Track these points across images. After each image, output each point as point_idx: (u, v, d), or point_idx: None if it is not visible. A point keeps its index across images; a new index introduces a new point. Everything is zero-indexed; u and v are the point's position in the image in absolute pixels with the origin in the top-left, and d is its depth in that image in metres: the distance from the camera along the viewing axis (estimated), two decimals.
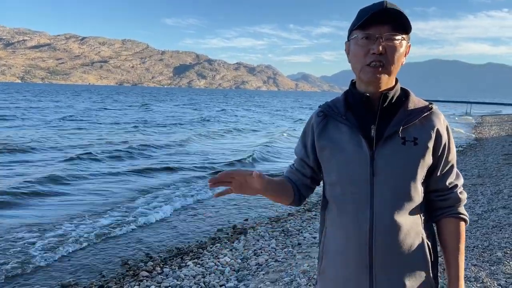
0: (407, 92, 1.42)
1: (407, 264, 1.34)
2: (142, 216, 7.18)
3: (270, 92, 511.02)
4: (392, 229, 1.31)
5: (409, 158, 1.33)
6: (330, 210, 1.44)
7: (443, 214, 1.42)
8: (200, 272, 4.79)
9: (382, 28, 1.30)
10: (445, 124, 1.40)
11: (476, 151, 14.48)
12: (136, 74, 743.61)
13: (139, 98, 67.96)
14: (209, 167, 12.29)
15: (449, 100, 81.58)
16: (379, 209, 1.32)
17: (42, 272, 5.02)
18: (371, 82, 1.34)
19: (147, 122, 27.97)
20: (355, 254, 1.34)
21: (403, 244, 1.32)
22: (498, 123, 30.89)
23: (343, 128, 1.39)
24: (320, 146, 1.44)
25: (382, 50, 1.29)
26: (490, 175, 9.52)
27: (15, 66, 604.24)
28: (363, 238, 1.32)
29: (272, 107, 62.98)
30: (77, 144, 15.94)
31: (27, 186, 8.95)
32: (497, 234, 5.26)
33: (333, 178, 1.41)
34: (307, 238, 5.86)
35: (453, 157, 1.42)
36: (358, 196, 1.34)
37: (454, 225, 1.41)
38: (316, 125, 1.46)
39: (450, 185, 1.41)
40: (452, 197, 1.41)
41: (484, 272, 4.05)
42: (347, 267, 1.37)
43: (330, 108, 1.45)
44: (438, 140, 1.36)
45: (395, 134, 1.33)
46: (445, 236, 1.42)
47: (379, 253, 1.32)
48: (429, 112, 1.37)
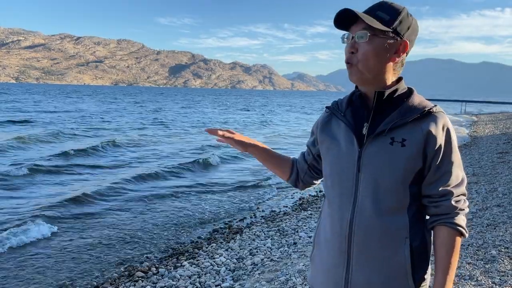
0: (411, 91, 1.41)
1: (383, 262, 1.33)
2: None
3: (275, 91, 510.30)
4: (370, 225, 1.33)
5: (394, 158, 1.31)
6: (325, 202, 1.52)
7: (436, 222, 1.37)
8: (196, 272, 4.78)
9: (349, 29, 1.37)
10: (444, 128, 1.33)
11: (471, 149, 14.54)
12: (132, 74, 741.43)
13: (169, 101, 65.45)
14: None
15: (444, 99, 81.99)
16: (361, 204, 1.35)
17: (36, 272, 5.00)
18: (352, 81, 1.41)
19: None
20: (337, 244, 1.39)
21: (381, 242, 1.33)
22: (493, 122, 31.04)
23: (342, 125, 1.44)
24: (320, 139, 1.52)
25: (350, 49, 1.36)
26: (484, 174, 9.56)
27: (9, 67, 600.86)
28: (344, 230, 1.37)
29: (301, 107, 63.74)
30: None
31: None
32: (491, 232, 5.28)
33: (327, 172, 1.48)
34: (302, 237, 5.86)
35: (451, 163, 1.35)
36: (344, 190, 1.39)
37: (445, 234, 1.34)
38: (322, 119, 1.55)
39: (443, 192, 1.35)
40: (444, 205, 1.35)
41: (479, 270, 4.07)
42: (330, 256, 1.42)
43: (336, 106, 1.52)
44: (429, 144, 1.31)
45: (383, 133, 1.33)
46: (435, 245, 1.37)
47: (356, 245, 1.35)
48: (425, 114, 1.33)
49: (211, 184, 10.06)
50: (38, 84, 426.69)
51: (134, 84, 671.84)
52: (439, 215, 1.36)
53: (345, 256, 1.37)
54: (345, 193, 1.39)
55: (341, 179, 1.40)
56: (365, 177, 1.35)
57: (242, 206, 8.22)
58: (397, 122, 1.33)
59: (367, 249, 1.34)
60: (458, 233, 1.35)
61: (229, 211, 7.87)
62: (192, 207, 8.05)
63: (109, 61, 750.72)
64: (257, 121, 32.30)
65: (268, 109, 54.11)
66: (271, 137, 20.74)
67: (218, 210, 7.90)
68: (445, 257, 1.33)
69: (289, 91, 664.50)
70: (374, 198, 1.33)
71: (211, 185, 9.94)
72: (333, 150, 1.45)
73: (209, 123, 29.25)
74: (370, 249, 1.34)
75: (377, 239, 1.33)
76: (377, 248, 1.34)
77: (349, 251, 1.36)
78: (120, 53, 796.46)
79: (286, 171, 1.71)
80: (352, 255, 1.36)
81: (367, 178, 1.35)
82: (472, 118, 37.05)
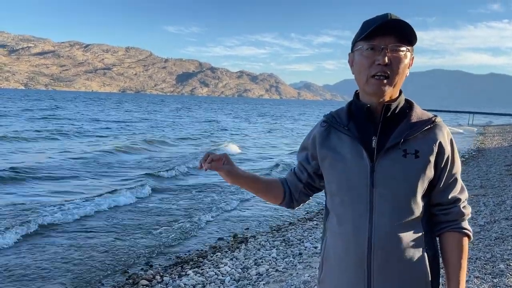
0: (411, 103, 1.42)
1: (405, 276, 1.34)
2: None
3: (284, 100, 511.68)
4: (391, 240, 1.32)
5: (409, 170, 1.33)
6: (331, 220, 1.45)
7: (446, 228, 1.41)
8: (200, 282, 4.76)
9: (387, 39, 1.31)
10: (449, 138, 1.39)
11: (478, 161, 14.42)
12: (139, 81, 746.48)
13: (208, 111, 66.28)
14: None
15: (452, 110, 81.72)
16: (378, 220, 1.32)
17: (40, 279, 4.99)
18: (376, 93, 1.34)
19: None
20: (354, 264, 1.35)
21: (402, 256, 1.32)
22: (501, 133, 30.81)
23: (345, 139, 1.40)
24: (321, 155, 1.45)
25: (387, 61, 1.30)
26: (492, 186, 9.47)
27: (19, 73, 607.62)
28: (362, 248, 1.33)
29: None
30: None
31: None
32: (499, 245, 5.21)
33: (333, 188, 1.42)
34: (308, 248, 5.82)
35: (456, 171, 1.41)
36: (357, 207, 1.35)
37: (456, 239, 1.40)
38: (319, 134, 1.48)
39: (452, 199, 1.40)
40: (454, 212, 1.40)
41: (487, 284, 4.01)
42: (346, 276, 1.38)
43: (334, 118, 1.46)
44: (440, 153, 1.36)
45: (396, 146, 1.33)
46: (446, 250, 1.41)
47: (377, 264, 1.32)
48: (432, 125, 1.37)
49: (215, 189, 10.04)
50: (48, 91, 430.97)
51: (142, 92, 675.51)
52: (448, 221, 1.40)
53: (365, 275, 1.34)
54: (358, 211, 1.35)
55: (352, 196, 1.36)
56: (381, 192, 1.33)
57: (247, 215, 8.19)
58: (408, 134, 1.34)
59: (388, 265, 1.33)
60: (467, 237, 1.41)
61: (234, 220, 7.83)
62: (197, 214, 8.03)
63: (117, 69, 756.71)
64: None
65: (305, 117, 55.97)
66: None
67: (222, 219, 7.87)
68: (457, 260, 1.38)
69: (296, 100, 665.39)
70: (392, 213, 1.32)
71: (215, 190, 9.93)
72: (338, 166, 1.40)
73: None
74: (391, 265, 1.33)
75: (397, 254, 1.32)
76: (397, 262, 1.33)
77: (369, 269, 1.33)
78: (128, 60, 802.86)
79: (278, 196, 1.59)
80: (372, 273, 1.33)
81: (383, 193, 1.33)
82: (480, 130, 36.80)
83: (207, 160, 1.45)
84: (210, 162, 1.45)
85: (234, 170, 1.50)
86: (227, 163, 1.48)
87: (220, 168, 1.46)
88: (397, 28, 1.30)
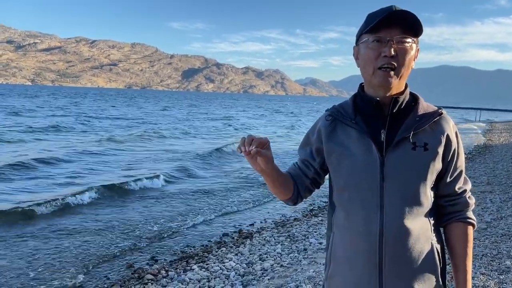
0: (416, 97, 1.42)
1: (417, 269, 1.34)
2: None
3: (290, 96, 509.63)
4: (402, 234, 1.31)
5: (419, 163, 1.33)
6: (338, 215, 1.43)
7: (452, 219, 1.43)
8: (205, 276, 4.77)
9: (393, 31, 1.30)
10: (454, 130, 1.40)
11: (485, 157, 14.32)
12: (145, 77, 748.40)
13: (220, 108, 65.14)
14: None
15: (459, 106, 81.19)
16: (389, 214, 1.31)
17: (47, 272, 5.04)
18: (383, 85, 1.33)
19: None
20: (365, 259, 1.34)
21: (413, 249, 1.33)
22: (508, 130, 30.57)
23: (352, 132, 1.39)
24: (328, 150, 1.43)
25: (394, 52, 1.29)
26: (499, 183, 9.40)
27: (25, 69, 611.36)
28: (373, 243, 1.32)
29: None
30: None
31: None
32: (506, 242, 5.18)
33: (341, 183, 1.41)
34: (313, 243, 5.82)
35: (462, 163, 1.43)
36: (367, 201, 1.34)
37: (462, 229, 1.42)
38: (324, 129, 1.45)
39: (459, 190, 1.42)
40: (461, 202, 1.42)
41: (493, 281, 3.99)
42: (356, 272, 1.36)
43: (339, 112, 1.44)
44: (448, 145, 1.37)
45: (405, 139, 1.33)
46: (453, 240, 1.42)
47: (388, 258, 1.32)
48: (439, 118, 1.37)
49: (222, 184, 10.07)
50: (54, 87, 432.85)
51: (147, 88, 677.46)
52: (455, 212, 1.42)
53: (376, 270, 1.33)
54: (368, 205, 1.34)
55: (362, 190, 1.35)
56: (391, 186, 1.32)
57: (252, 211, 8.20)
58: (417, 127, 1.34)
59: (399, 258, 1.32)
60: (472, 226, 1.44)
61: (239, 216, 7.84)
62: (202, 209, 8.06)
63: (123, 65, 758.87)
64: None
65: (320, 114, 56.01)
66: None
67: (227, 214, 7.90)
68: (464, 249, 1.40)
69: (302, 96, 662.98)
70: (403, 206, 1.32)
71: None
72: (346, 160, 1.38)
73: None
74: (403, 257, 1.33)
75: (409, 247, 1.32)
76: (409, 255, 1.33)
77: (380, 262, 1.32)
78: (134, 56, 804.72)
79: (289, 191, 1.49)
80: (384, 267, 1.32)
81: (393, 186, 1.32)
82: (487, 126, 36.54)
83: (252, 143, 1.30)
84: (255, 146, 1.29)
85: (272, 157, 1.37)
86: (267, 148, 1.35)
87: (264, 153, 1.32)
88: (403, 19, 1.29)
